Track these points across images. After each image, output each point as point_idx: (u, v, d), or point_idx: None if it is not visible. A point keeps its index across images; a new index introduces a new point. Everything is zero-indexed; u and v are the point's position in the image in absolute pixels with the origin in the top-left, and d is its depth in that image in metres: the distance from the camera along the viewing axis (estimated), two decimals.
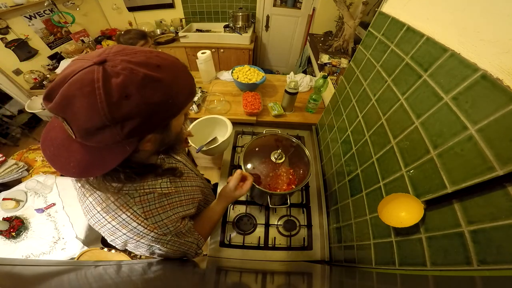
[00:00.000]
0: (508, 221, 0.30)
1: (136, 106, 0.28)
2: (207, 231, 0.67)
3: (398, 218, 0.47)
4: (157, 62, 0.31)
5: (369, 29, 0.73)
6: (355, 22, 1.57)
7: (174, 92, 0.32)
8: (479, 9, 0.38)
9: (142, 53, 0.31)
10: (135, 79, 0.28)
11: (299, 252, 0.84)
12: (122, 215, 0.43)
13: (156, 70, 0.30)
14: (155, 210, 0.47)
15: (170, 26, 2.88)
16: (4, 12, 1.92)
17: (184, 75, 0.36)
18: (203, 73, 1.57)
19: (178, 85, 0.33)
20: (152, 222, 0.46)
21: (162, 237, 0.49)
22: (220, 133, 1.01)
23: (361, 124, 0.73)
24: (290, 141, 0.83)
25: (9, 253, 1.18)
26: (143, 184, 0.46)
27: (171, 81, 0.32)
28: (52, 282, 0.42)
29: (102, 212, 0.43)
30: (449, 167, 0.40)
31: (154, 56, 0.32)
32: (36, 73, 2.27)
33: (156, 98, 0.30)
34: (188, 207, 0.59)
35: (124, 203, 0.43)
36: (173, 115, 0.35)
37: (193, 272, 0.68)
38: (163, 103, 0.31)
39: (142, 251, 0.50)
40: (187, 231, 0.58)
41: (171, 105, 0.33)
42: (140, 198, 0.45)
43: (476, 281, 0.34)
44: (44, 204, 1.37)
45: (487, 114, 0.34)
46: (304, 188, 0.98)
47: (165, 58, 0.33)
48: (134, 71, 0.28)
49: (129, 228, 0.44)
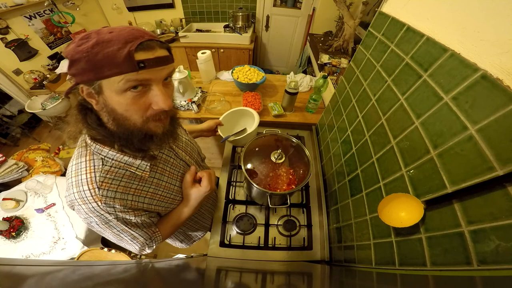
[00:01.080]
0: (508, 221, 0.30)
1: (69, 50, 0.37)
2: (168, 230, 0.62)
3: (398, 218, 0.47)
4: (111, 29, 0.37)
5: (369, 29, 0.73)
6: (355, 22, 1.57)
7: (95, 50, 0.35)
8: (479, 9, 0.38)
9: (127, 28, 0.38)
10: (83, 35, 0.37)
11: (299, 252, 0.84)
12: (83, 175, 0.45)
13: (101, 33, 0.37)
14: (115, 186, 0.46)
15: (170, 26, 2.88)
16: (4, 12, 1.93)
17: (118, 44, 0.36)
18: (203, 73, 1.57)
19: (102, 47, 0.35)
20: (102, 194, 0.44)
21: (104, 213, 0.46)
22: (248, 125, 1.03)
23: (361, 124, 0.73)
24: (290, 141, 0.83)
25: (9, 253, 1.18)
26: (120, 157, 0.48)
27: (98, 41, 0.35)
28: (52, 282, 0.42)
29: (74, 166, 0.46)
30: (449, 167, 0.40)
31: (124, 29, 0.38)
32: (36, 73, 2.27)
33: (78, 49, 0.35)
34: (159, 203, 0.56)
35: (92, 165, 0.45)
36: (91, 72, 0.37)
37: (193, 272, 0.68)
38: (82, 53, 0.35)
39: (82, 219, 0.48)
40: (140, 224, 0.53)
41: (87, 60, 0.35)
42: (110, 168, 0.47)
43: (476, 281, 0.34)
44: (44, 204, 1.37)
45: (487, 114, 0.34)
46: (304, 188, 0.98)
47: (127, 30, 0.38)
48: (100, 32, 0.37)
49: (79, 188, 0.44)
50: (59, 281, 0.43)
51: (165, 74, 0.42)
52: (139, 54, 0.37)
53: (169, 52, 0.43)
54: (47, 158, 1.80)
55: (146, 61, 0.37)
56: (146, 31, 0.40)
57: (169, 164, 0.60)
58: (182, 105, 1.33)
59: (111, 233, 0.51)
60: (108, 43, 0.35)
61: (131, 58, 0.36)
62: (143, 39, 0.37)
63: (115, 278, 0.52)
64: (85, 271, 0.52)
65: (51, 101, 2.15)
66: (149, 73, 0.39)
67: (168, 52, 0.43)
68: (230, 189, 0.98)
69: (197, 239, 0.95)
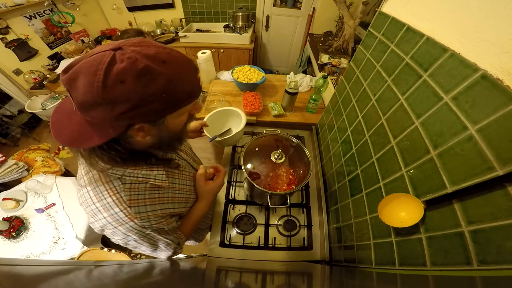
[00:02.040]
0: (508, 221, 0.30)
1: (127, 92, 0.30)
2: (189, 230, 0.65)
3: (398, 218, 0.47)
4: (165, 58, 0.33)
5: (369, 29, 0.73)
6: (355, 22, 1.57)
7: (171, 89, 0.33)
8: (479, 9, 0.38)
9: (155, 48, 0.33)
10: (135, 68, 0.30)
11: (299, 252, 0.84)
12: (107, 198, 0.43)
13: (159, 64, 0.32)
14: (142, 201, 0.47)
15: (170, 26, 2.88)
16: (4, 12, 1.93)
17: (188, 75, 0.36)
18: (203, 73, 1.57)
19: (178, 82, 0.34)
20: (135, 212, 0.45)
21: (141, 229, 0.48)
22: (234, 124, 1.02)
23: (361, 124, 0.73)
24: (290, 141, 0.83)
25: (9, 253, 1.18)
26: (137, 172, 0.47)
27: (170, 77, 0.33)
28: (52, 282, 0.42)
29: (91, 192, 0.44)
30: (449, 167, 0.40)
31: (165, 52, 0.33)
32: (36, 73, 2.28)
33: (150, 90, 0.31)
34: (179, 205, 0.58)
35: (113, 187, 0.44)
36: (168, 110, 0.36)
37: (193, 272, 0.68)
38: (156, 96, 0.32)
39: (117, 239, 0.49)
40: (170, 230, 0.56)
41: (165, 100, 0.34)
42: (130, 185, 0.46)
43: (476, 281, 0.34)
44: (44, 204, 1.37)
45: (487, 114, 0.34)
46: (304, 188, 0.98)
47: (175, 56, 0.35)
48: (138, 61, 0.30)
49: (110, 212, 0.44)
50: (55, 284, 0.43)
51: None
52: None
53: None
54: (47, 158, 1.80)
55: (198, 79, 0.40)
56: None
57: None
58: None
59: (148, 245, 0.53)
60: (179, 75, 0.34)
61: (199, 81, 0.38)
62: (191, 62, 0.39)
63: (115, 277, 0.52)
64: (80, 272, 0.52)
65: (51, 101, 2.15)
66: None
67: None
68: (230, 189, 0.98)
69: (204, 235, 0.96)
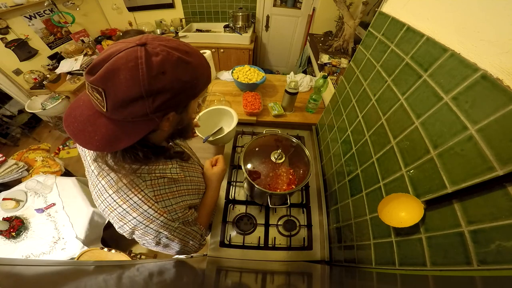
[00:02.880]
0: (508, 221, 0.30)
1: (169, 81, 0.33)
2: (205, 220, 0.67)
3: (398, 218, 0.47)
4: (186, 49, 0.36)
5: (369, 29, 0.73)
6: (355, 22, 1.57)
7: (199, 75, 0.37)
8: (479, 9, 0.38)
9: (173, 41, 0.36)
10: (171, 59, 0.33)
11: (299, 252, 0.84)
12: (133, 198, 0.43)
13: (186, 54, 0.35)
14: (165, 195, 0.48)
15: (170, 26, 2.88)
16: (4, 12, 1.93)
17: (205, 62, 0.40)
18: None
19: (201, 69, 0.38)
20: (162, 206, 0.47)
21: (171, 223, 0.49)
22: (226, 124, 1.01)
23: (361, 124, 0.73)
24: (290, 141, 0.83)
25: (9, 253, 1.18)
26: (154, 168, 0.48)
27: (196, 65, 0.37)
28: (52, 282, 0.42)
29: (113, 195, 0.43)
30: (449, 167, 0.40)
31: (182, 44, 0.37)
32: (36, 73, 2.27)
33: (185, 77, 0.35)
34: (193, 196, 0.60)
35: (136, 185, 0.44)
36: (194, 96, 0.40)
37: (193, 272, 0.68)
38: (190, 82, 0.36)
39: (149, 239, 0.49)
40: (193, 221, 0.58)
41: (195, 86, 0.37)
42: (151, 181, 0.47)
43: (476, 281, 0.34)
44: (44, 204, 1.37)
45: (487, 114, 0.34)
46: (304, 188, 0.98)
47: (191, 47, 0.39)
48: (170, 53, 0.33)
49: (139, 211, 0.44)
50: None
51: None
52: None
53: None
54: (47, 158, 1.79)
55: None
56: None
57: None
58: None
59: (179, 241, 0.54)
60: (200, 62, 0.38)
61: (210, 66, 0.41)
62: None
63: (114, 278, 0.52)
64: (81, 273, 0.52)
65: (51, 101, 2.15)
66: None
67: None
68: (230, 189, 0.98)
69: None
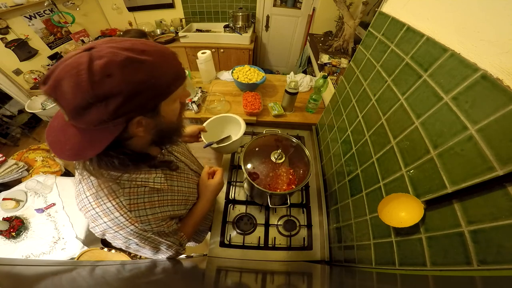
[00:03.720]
0: (508, 221, 0.30)
1: (117, 84, 0.30)
2: (190, 230, 0.65)
3: (398, 218, 0.47)
4: (143, 47, 0.34)
5: (369, 29, 0.73)
6: (355, 22, 1.57)
7: (158, 74, 0.34)
8: (479, 9, 0.38)
9: (129, 41, 0.34)
10: (117, 60, 0.30)
11: (299, 252, 0.84)
12: (107, 203, 0.44)
13: (140, 53, 0.32)
14: (142, 204, 0.47)
15: (170, 26, 2.88)
16: (4, 12, 1.92)
17: (169, 59, 0.37)
18: (203, 73, 1.57)
19: (162, 67, 0.35)
20: (135, 216, 0.46)
21: (142, 232, 0.48)
22: (233, 132, 1.00)
23: (361, 124, 0.73)
24: (290, 141, 0.83)
25: (9, 253, 1.18)
26: (136, 177, 0.47)
27: (154, 63, 0.33)
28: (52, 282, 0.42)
29: (90, 198, 0.44)
30: (449, 167, 0.40)
31: (140, 43, 0.34)
32: (36, 73, 2.27)
33: (138, 78, 0.32)
34: (179, 207, 0.58)
35: (112, 192, 0.44)
36: (159, 97, 0.37)
37: (193, 272, 0.68)
38: (145, 83, 0.33)
39: (118, 243, 0.49)
40: (171, 232, 0.56)
41: (155, 86, 0.34)
42: (130, 189, 0.46)
43: (476, 281, 0.34)
44: (44, 204, 1.37)
45: (487, 114, 0.34)
46: (304, 188, 0.98)
47: (152, 45, 0.35)
48: (117, 53, 0.31)
49: (110, 217, 0.44)
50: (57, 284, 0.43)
51: None
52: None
53: None
54: (47, 158, 1.80)
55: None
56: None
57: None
58: None
59: (150, 248, 0.53)
60: (161, 60, 0.35)
61: (181, 64, 0.38)
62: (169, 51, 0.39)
63: (114, 278, 0.52)
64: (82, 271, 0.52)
65: (51, 101, 2.15)
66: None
67: None
68: (230, 189, 0.98)
69: (204, 236, 0.96)
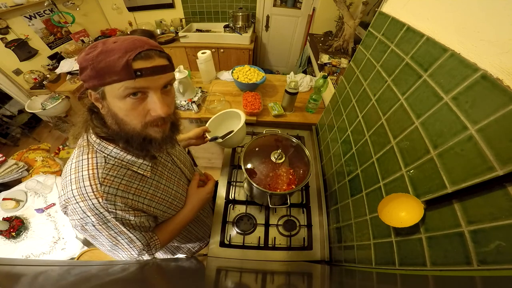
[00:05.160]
0: (508, 221, 0.30)
1: (81, 59, 0.40)
2: (165, 236, 0.61)
3: (398, 218, 0.47)
4: (117, 39, 0.40)
5: (369, 29, 0.73)
6: (355, 22, 1.57)
7: (99, 59, 0.38)
8: (479, 9, 0.38)
9: (128, 37, 0.40)
10: (93, 43, 0.40)
11: (299, 252, 0.84)
12: (84, 171, 0.44)
13: (107, 42, 0.39)
14: (117, 184, 0.47)
15: (170, 26, 2.88)
16: (4, 12, 1.92)
17: (119, 53, 0.38)
18: (203, 73, 1.57)
19: (105, 55, 0.38)
20: (104, 191, 0.44)
21: (104, 212, 0.45)
22: (235, 127, 1.01)
23: (361, 124, 0.73)
24: (290, 141, 0.83)
25: (9, 253, 1.18)
26: (124, 155, 0.48)
27: (104, 50, 0.38)
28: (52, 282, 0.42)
29: (73, 164, 0.46)
30: (449, 167, 0.40)
31: (125, 37, 0.40)
32: (36, 73, 2.27)
33: (87, 57, 0.38)
34: (157, 206, 0.56)
35: (95, 162, 0.46)
36: (97, 79, 0.39)
37: (193, 272, 0.68)
38: (88, 62, 0.38)
39: (76, 221, 0.45)
40: (137, 226, 0.52)
41: (93, 68, 0.38)
42: (112, 166, 0.47)
43: (476, 281, 0.34)
44: (44, 204, 1.37)
45: (487, 114, 0.34)
46: (304, 188, 0.98)
47: (128, 39, 0.40)
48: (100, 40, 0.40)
49: (79, 185, 0.43)
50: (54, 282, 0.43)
51: (163, 83, 0.43)
52: (137, 63, 0.39)
53: (169, 61, 0.45)
54: (47, 158, 1.80)
55: (143, 69, 0.39)
56: (149, 41, 0.42)
57: (166, 168, 0.62)
58: (182, 105, 1.34)
59: (107, 236, 0.48)
60: (110, 52, 0.38)
61: (129, 67, 0.38)
62: (142, 48, 0.39)
63: (114, 278, 0.52)
64: (83, 271, 0.52)
65: (51, 101, 2.15)
66: (146, 81, 0.40)
67: (167, 61, 0.44)
68: (230, 189, 0.98)
69: (191, 252, 0.93)
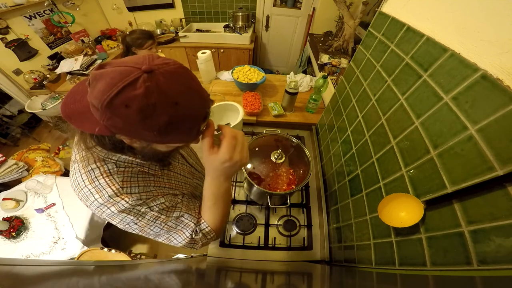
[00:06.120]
0: (508, 221, 0.30)
1: (126, 117, 0.30)
2: (209, 216, 0.54)
3: (398, 218, 0.47)
4: (180, 99, 0.32)
5: (369, 29, 0.73)
6: (355, 22, 1.57)
7: (167, 130, 0.33)
8: (479, 9, 0.38)
9: (179, 85, 0.32)
10: (144, 100, 0.29)
11: (299, 252, 0.84)
12: (100, 180, 0.43)
13: (169, 105, 0.31)
14: (135, 182, 0.47)
15: (170, 26, 2.88)
16: (4, 12, 1.93)
17: (190, 124, 0.36)
18: (203, 73, 1.57)
19: (175, 128, 0.34)
20: (126, 192, 0.45)
21: (136, 207, 0.45)
22: (232, 120, 1.01)
23: (361, 124, 0.73)
24: (290, 141, 0.83)
25: (9, 253, 1.18)
26: (132, 160, 0.48)
27: (171, 121, 0.32)
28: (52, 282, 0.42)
29: (84, 175, 0.44)
30: (449, 167, 0.40)
31: (184, 88, 0.33)
32: (36, 73, 2.27)
33: (146, 124, 0.31)
34: (177, 188, 0.57)
35: (107, 170, 0.45)
36: (155, 142, 0.37)
37: (193, 272, 0.68)
38: (149, 130, 0.32)
39: (117, 224, 0.47)
40: (173, 207, 0.51)
41: (156, 136, 0.34)
42: (124, 169, 0.46)
43: (476, 281, 0.34)
44: (44, 204, 1.37)
45: (487, 114, 0.34)
46: (304, 188, 0.98)
47: (192, 99, 0.34)
48: (151, 95, 0.30)
49: (102, 193, 0.43)
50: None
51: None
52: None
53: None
54: (47, 158, 1.80)
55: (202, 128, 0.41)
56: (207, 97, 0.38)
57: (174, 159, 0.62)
58: None
59: (157, 225, 0.48)
60: (182, 123, 0.34)
61: (199, 133, 0.40)
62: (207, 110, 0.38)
63: (113, 278, 0.52)
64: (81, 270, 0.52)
65: (51, 101, 2.15)
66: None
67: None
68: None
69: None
